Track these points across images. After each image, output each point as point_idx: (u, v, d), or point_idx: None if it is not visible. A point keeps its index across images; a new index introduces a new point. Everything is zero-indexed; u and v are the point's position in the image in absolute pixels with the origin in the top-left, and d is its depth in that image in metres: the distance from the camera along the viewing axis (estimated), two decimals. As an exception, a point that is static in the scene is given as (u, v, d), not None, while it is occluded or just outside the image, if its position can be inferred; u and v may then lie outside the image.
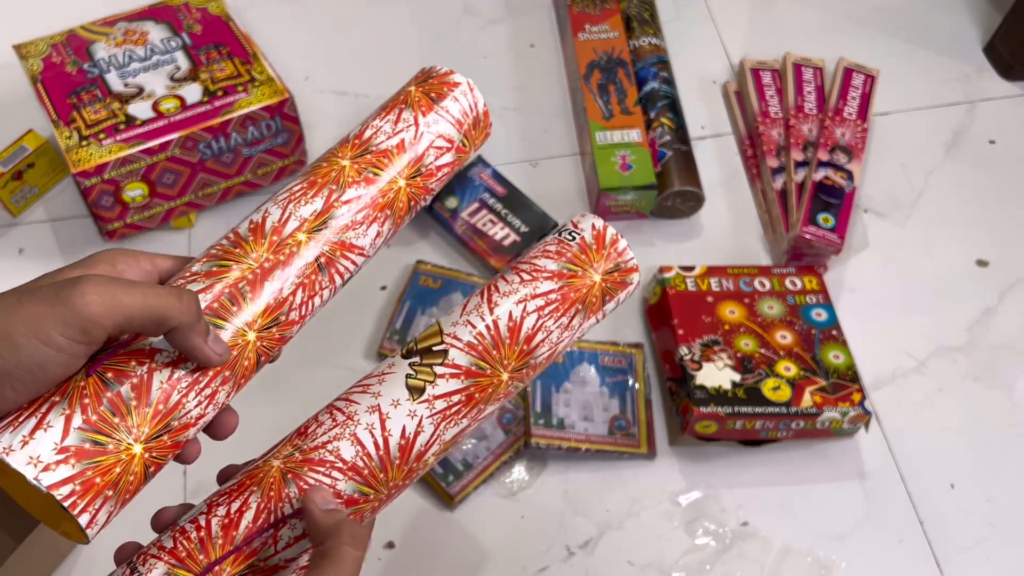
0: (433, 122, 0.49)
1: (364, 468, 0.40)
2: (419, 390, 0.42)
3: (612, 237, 0.47)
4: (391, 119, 0.48)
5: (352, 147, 0.47)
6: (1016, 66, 1.16)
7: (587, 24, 1.12)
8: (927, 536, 0.84)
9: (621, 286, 0.47)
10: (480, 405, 0.43)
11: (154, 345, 0.38)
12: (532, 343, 0.44)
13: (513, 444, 0.86)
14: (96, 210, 0.94)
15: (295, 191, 0.44)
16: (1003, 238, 1.03)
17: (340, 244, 0.44)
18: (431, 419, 0.42)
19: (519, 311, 0.44)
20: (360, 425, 0.41)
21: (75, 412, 0.36)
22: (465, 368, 0.43)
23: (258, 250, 0.42)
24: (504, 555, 0.82)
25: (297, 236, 0.43)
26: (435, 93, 0.50)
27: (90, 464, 0.35)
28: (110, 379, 0.37)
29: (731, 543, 0.83)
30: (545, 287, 0.45)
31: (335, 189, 0.45)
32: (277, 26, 1.17)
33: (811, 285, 0.93)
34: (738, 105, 1.13)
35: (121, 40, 1.00)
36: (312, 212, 0.44)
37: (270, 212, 0.44)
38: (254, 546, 0.38)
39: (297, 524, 0.39)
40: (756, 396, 0.83)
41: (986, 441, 0.89)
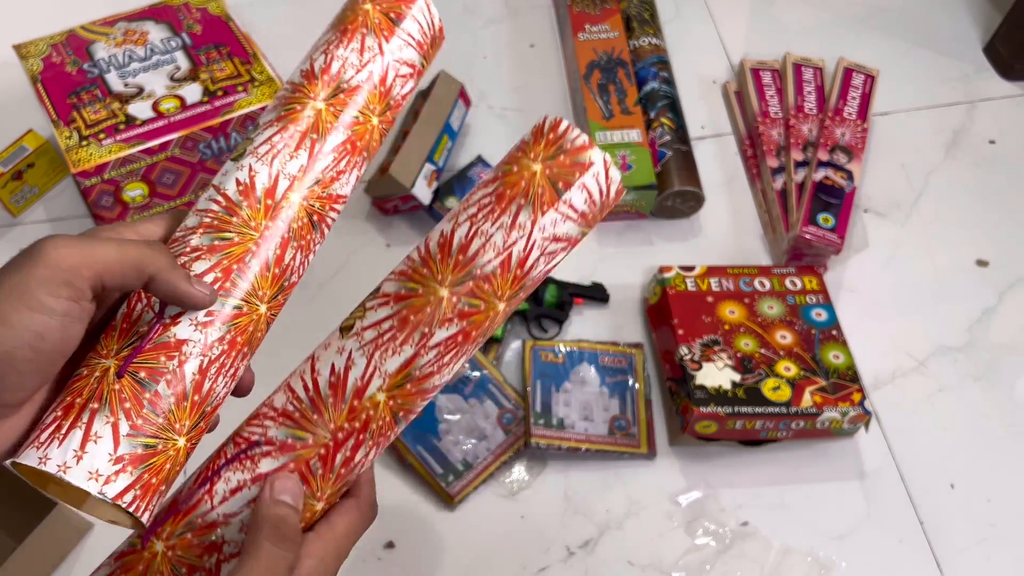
0: (397, 48, 0.45)
1: (295, 412, 0.39)
2: (349, 328, 0.41)
3: (551, 123, 0.42)
4: (355, 47, 0.44)
5: (323, 84, 0.43)
6: (1016, 66, 1.16)
7: (587, 24, 1.12)
8: (927, 536, 0.84)
9: (576, 168, 0.41)
10: (423, 328, 0.40)
11: (179, 337, 0.37)
12: (469, 251, 0.41)
13: (513, 444, 0.86)
14: (96, 210, 0.94)
15: (275, 143, 0.42)
16: (1003, 238, 1.03)
17: (328, 198, 0.42)
18: (361, 351, 0.40)
19: (449, 226, 0.41)
20: (294, 376, 0.41)
21: (119, 419, 0.35)
22: (393, 294, 0.41)
23: (255, 217, 0.40)
24: (504, 555, 0.82)
25: (290, 197, 0.41)
26: (394, 13, 0.45)
27: (145, 468, 0.36)
28: (144, 379, 0.36)
29: (731, 543, 0.83)
30: (477, 196, 0.42)
31: (316, 138, 0.42)
32: (277, 26, 1.17)
33: (811, 285, 0.93)
34: (738, 105, 1.13)
35: (121, 40, 1.00)
36: (299, 168, 0.41)
37: (256, 170, 0.41)
38: (191, 503, 0.38)
39: (232, 478, 0.38)
40: (756, 396, 0.83)
41: (986, 441, 0.89)
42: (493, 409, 0.87)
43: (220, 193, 0.41)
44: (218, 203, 0.40)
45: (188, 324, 0.38)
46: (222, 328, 0.38)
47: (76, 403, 0.35)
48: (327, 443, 0.39)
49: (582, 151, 0.41)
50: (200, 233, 0.39)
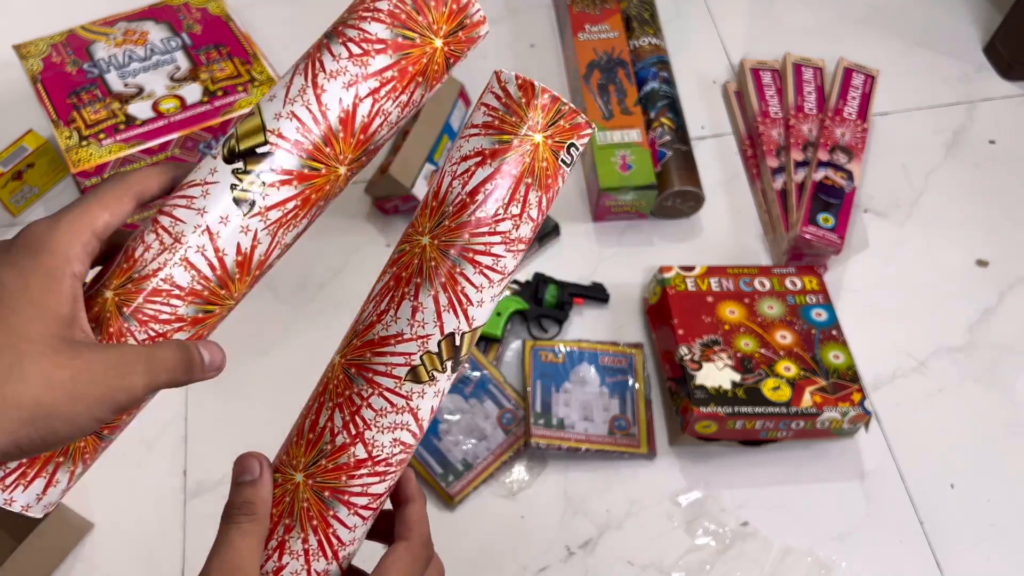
0: None
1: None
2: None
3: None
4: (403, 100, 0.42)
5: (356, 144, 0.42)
6: (1016, 66, 1.16)
7: (587, 24, 1.12)
8: (927, 536, 0.84)
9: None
10: (320, 203, 0.40)
11: None
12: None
13: (513, 444, 0.86)
14: (96, 210, 0.94)
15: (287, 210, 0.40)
16: (1003, 238, 1.03)
17: None
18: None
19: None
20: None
21: (78, 468, 0.39)
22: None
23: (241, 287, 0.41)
24: (504, 555, 0.82)
25: None
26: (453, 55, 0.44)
27: None
28: (106, 435, 0.40)
29: (731, 543, 0.83)
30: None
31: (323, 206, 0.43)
32: (277, 26, 1.17)
33: (811, 285, 0.93)
34: (738, 105, 1.13)
35: (121, 40, 1.00)
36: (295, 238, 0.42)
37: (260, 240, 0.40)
38: None
39: None
40: (756, 396, 0.83)
41: (986, 441, 0.89)
42: (493, 409, 0.87)
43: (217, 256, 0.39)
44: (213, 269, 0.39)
45: None
46: None
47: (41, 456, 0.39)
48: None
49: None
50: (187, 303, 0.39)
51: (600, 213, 1.01)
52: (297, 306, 0.96)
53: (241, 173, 0.38)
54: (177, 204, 0.39)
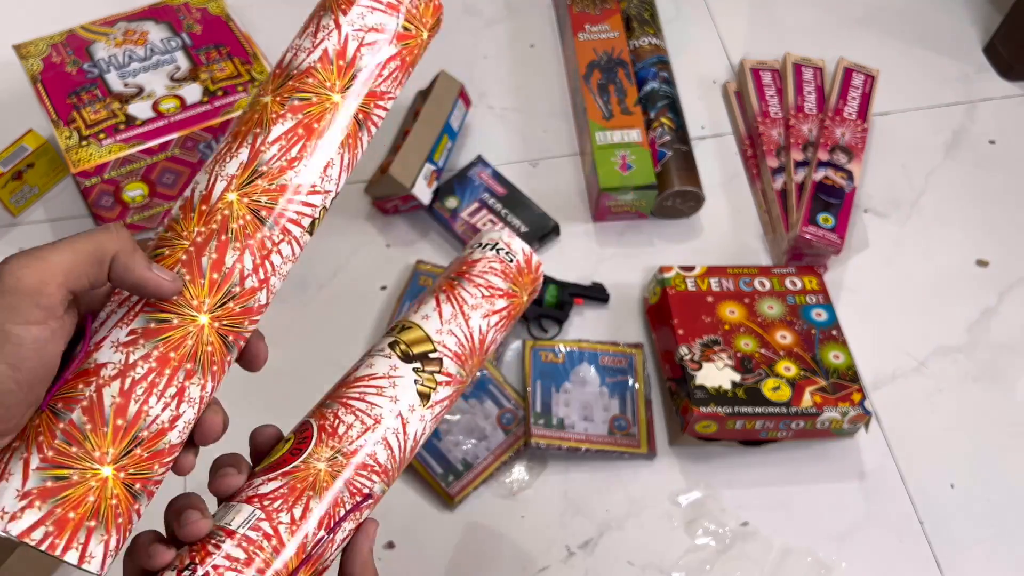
0: (358, 17, 0.42)
1: (391, 470, 0.44)
2: (426, 396, 0.46)
3: (537, 262, 0.52)
4: (310, 32, 0.42)
5: (273, 79, 0.42)
6: (1016, 66, 1.16)
7: (587, 24, 1.12)
8: (927, 536, 0.84)
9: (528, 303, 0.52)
10: (255, 130, 0.41)
11: (98, 362, 0.36)
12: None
13: (513, 444, 0.86)
14: (96, 210, 0.94)
15: (220, 151, 0.41)
16: (1003, 238, 1.03)
17: (279, 189, 0.40)
18: (432, 422, 0.46)
19: (485, 325, 0.49)
20: (389, 429, 0.44)
21: (31, 454, 0.34)
22: (455, 376, 0.47)
23: (188, 226, 0.39)
24: (504, 555, 0.82)
25: (226, 197, 0.39)
26: None
27: (57, 501, 0.34)
28: (60, 409, 0.35)
29: (731, 543, 0.83)
30: (499, 304, 0.49)
31: (259, 132, 0.40)
32: (277, 26, 1.17)
33: (811, 285, 0.93)
34: (738, 105, 1.13)
35: (121, 40, 1.00)
36: (238, 165, 0.40)
37: (197, 182, 0.40)
38: (319, 550, 0.41)
39: (346, 527, 0.42)
40: (756, 396, 0.83)
41: (986, 441, 0.89)
42: (493, 409, 0.87)
43: (167, 216, 0.40)
44: (163, 224, 0.40)
45: (110, 347, 0.36)
46: (147, 345, 0.36)
47: None
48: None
49: None
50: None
51: (600, 213, 1.01)
52: (297, 306, 0.96)
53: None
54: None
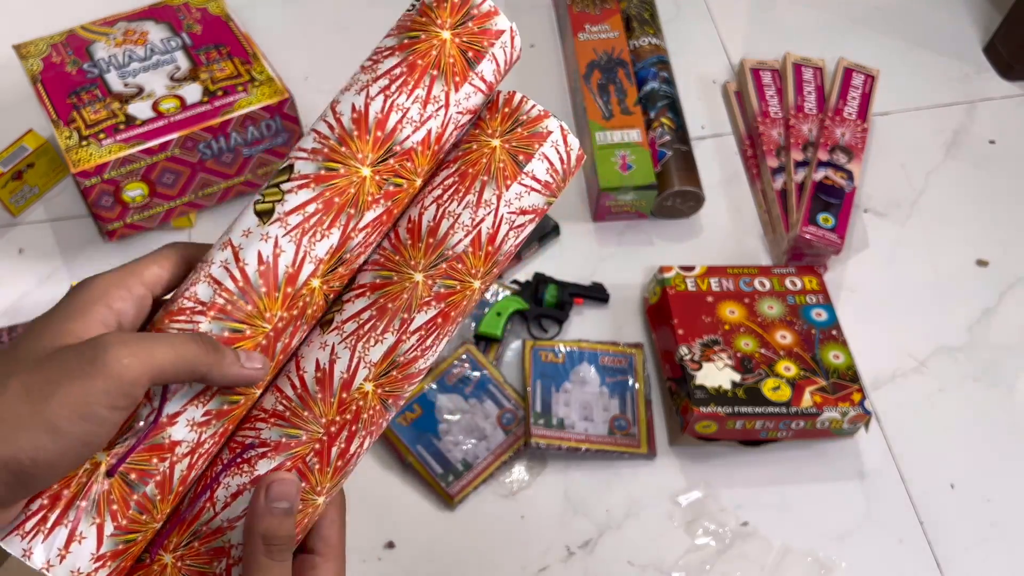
0: (465, 98, 0.41)
1: (285, 411, 0.39)
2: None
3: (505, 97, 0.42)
4: (420, 95, 0.39)
5: (374, 143, 0.39)
6: (1016, 66, 1.16)
7: (587, 24, 1.12)
8: (927, 536, 0.84)
9: (535, 139, 0.41)
10: (401, 314, 0.39)
11: (173, 438, 0.37)
12: (438, 234, 0.40)
13: (513, 444, 0.86)
14: (96, 210, 0.94)
15: (308, 214, 0.38)
16: (1003, 238, 1.03)
17: (349, 272, 0.40)
18: (344, 344, 0.39)
19: (416, 210, 0.40)
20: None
21: (105, 520, 0.35)
22: (369, 283, 0.40)
23: (271, 307, 0.38)
24: (504, 555, 0.82)
25: (311, 284, 0.39)
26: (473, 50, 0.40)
27: (122, 559, 0.37)
28: (134, 481, 0.36)
29: (731, 543, 0.83)
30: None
31: (353, 214, 0.39)
32: (277, 26, 1.17)
33: (811, 285, 0.93)
34: (738, 105, 1.13)
35: (121, 40, 1.00)
36: (328, 249, 0.39)
37: (282, 248, 0.38)
38: (194, 512, 0.38)
39: (231, 483, 0.38)
40: (756, 396, 0.83)
41: (986, 441, 0.89)
42: (493, 409, 0.87)
43: (238, 267, 0.38)
44: (234, 280, 0.38)
45: (184, 425, 0.37)
46: (216, 425, 0.38)
47: (64, 495, 0.35)
48: (320, 438, 0.39)
49: (538, 121, 0.41)
50: (210, 318, 0.37)
51: (600, 213, 1.01)
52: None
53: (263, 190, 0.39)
54: None
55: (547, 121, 0.41)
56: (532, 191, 0.41)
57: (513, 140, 0.41)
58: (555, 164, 0.41)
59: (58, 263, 0.98)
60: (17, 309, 0.95)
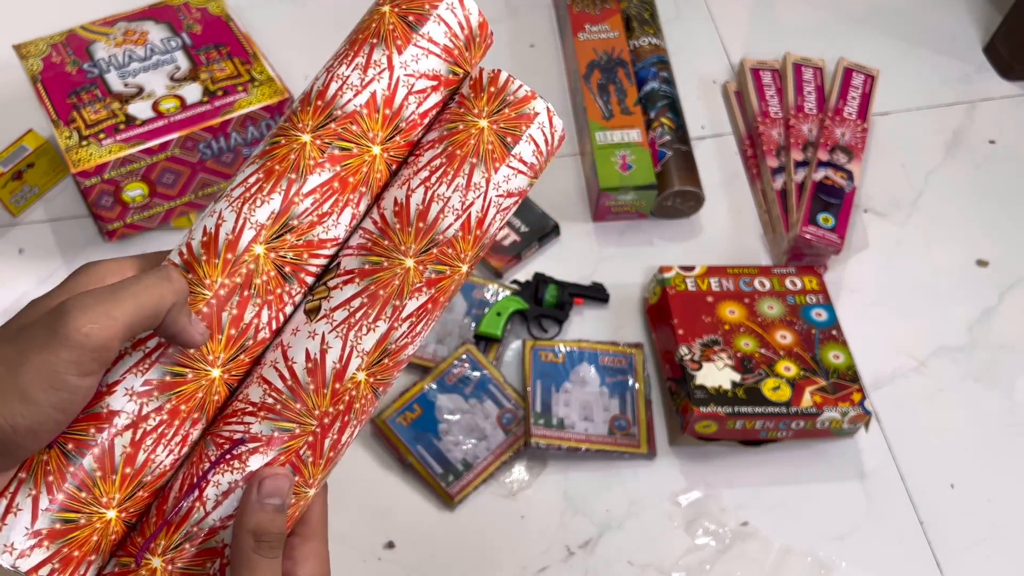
0: (412, 60, 0.40)
1: (275, 404, 0.38)
2: (316, 310, 0.39)
3: (490, 76, 0.42)
4: (360, 63, 0.40)
5: (314, 112, 0.40)
6: (1016, 66, 1.16)
7: (587, 24, 1.12)
8: (927, 536, 0.84)
9: (522, 120, 0.41)
10: (394, 301, 0.39)
11: (111, 408, 0.36)
12: (428, 218, 0.40)
13: (513, 444, 0.86)
14: (96, 210, 0.94)
15: (250, 184, 0.39)
16: (1003, 238, 1.03)
17: (306, 245, 0.39)
18: (335, 332, 0.39)
19: (403, 193, 0.40)
20: (265, 366, 0.39)
21: (40, 492, 0.35)
22: (357, 270, 0.39)
23: (212, 274, 0.38)
24: (504, 555, 0.82)
25: (254, 249, 0.38)
26: (414, 15, 0.40)
27: (65, 542, 0.35)
28: (71, 452, 0.35)
29: (731, 543, 0.83)
30: (427, 156, 0.40)
31: (295, 179, 0.39)
32: (277, 26, 1.17)
33: (811, 285, 0.93)
34: (738, 105, 1.13)
35: (121, 40, 1.00)
36: (269, 215, 0.38)
37: (224, 218, 0.38)
38: (182, 513, 0.37)
39: (221, 481, 0.37)
40: (756, 396, 0.83)
41: (986, 441, 0.89)
42: (493, 409, 0.87)
43: (186, 244, 0.39)
44: (181, 255, 0.38)
45: (123, 395, 0.36)
46: (161, 397, 0.37)
47: None
48: (314, 430, 0.38)
49: (525, 102, 0.41)
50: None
51: (600, 213, 1.01)
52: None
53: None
54: None
55: (534, 102, 0.41)
56: (519, 173, 0.41)
57: (501, 121, 0.41)
58: (540, 146, 0.41)
59: (58, 263, 0.98)
60: (17, 309, 0.95)
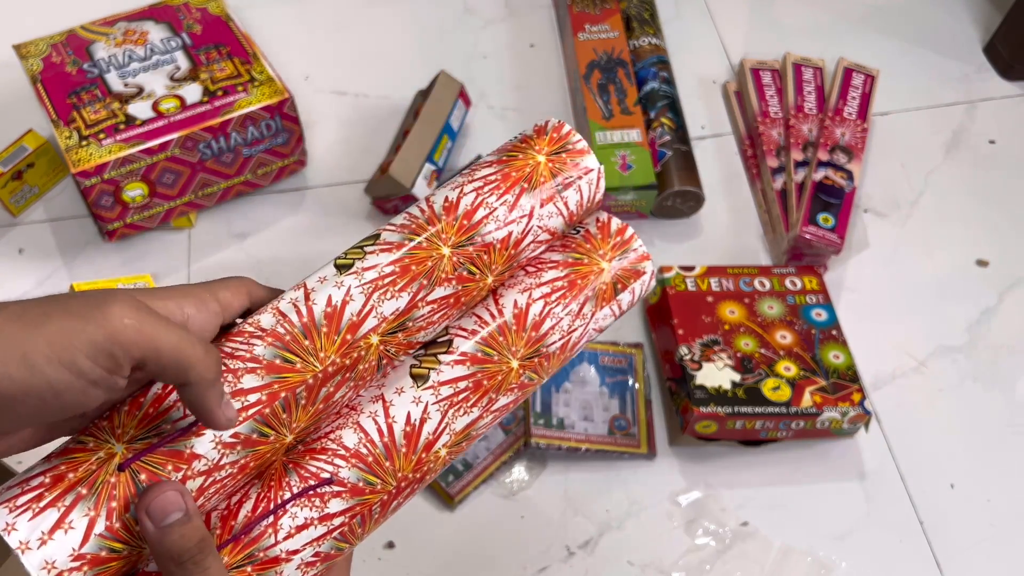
0: (548, 216, 0.43)
1: (368, 455, 0.39)
2: (423, 378, 0.40)
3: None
4: (508, 200, 0.42)
5: (459, 229, 0.41)
6: (1016, 66, 1.16)
7: (587, 24, 1.12)
8: (927, 536, 0.84)
9: (634, 275, 0.46)
10: (491, 394, 0.41)
11: (194, 451, 0.36)
12: (541, 330, 0.42)
13: (513, 444, 0.86)
14: (96, 210, 0.94)
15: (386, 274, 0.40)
16: (1003, 238, 1.03)
17: (407, 344, 0.41)
18: (437, 406, 0.40)
19: (524, 299, 0.42)
20: (363, 413, 0.40)
21: (100, 515, 0.34)
22: (471, 355, 0.41)
23: (328, 348, 0.39)
24: (504, 555, 0.82)
25: (371, 339, 0.40)
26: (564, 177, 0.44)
27: (101, 570, 0.34)
28: (142, 482, 0.35)
29: (731, 543, 0.83)
30: (550, 275, 0.43)
31: (425, 284, 0.40)
32: (277, 26, 1.17)
33: (811, 285, 0.93)
34: (738, 105, 1.13)
35: (121, 40, 1.00)
36: (394, 311, 0.40)
37: (352, 297, 0.39)
38: (253, 535, 0.37)
39: (299, 514, 0.37)
40: (756, 396, 0.83)
41: (986, 441, 0.89)
42: (493, 409, 0.87)
43: (307, 304, 0.39)
44: (299, 315, 0.39)
45: (211, 441, 0.36)
46: (240, 452, 0.37)
47: (68, 478, 0.34)
48: (391, 490, 0.39)
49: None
50: (267, 344, 0.38)
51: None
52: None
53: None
54: None
55: (647, 263, 0.46)
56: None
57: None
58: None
59: (58, 263, 0.98)
60: (17, 309, 0.95)
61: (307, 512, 0.38)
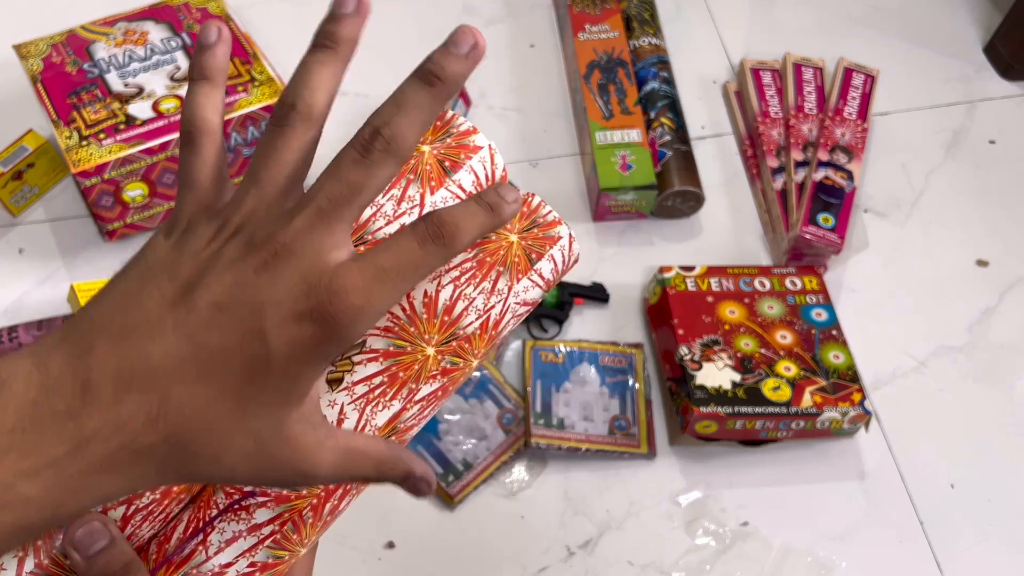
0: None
1: None
2: (338, 381, 0.41)
3: (523, 197, 0.46)
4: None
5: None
6: (1016, 66, 1.16)
7: (587, 24, 1.12)
8: (927, 536, 0.84)
9: (547, 241, 0.45)
10: (410, 384, 0.41)
11: None
12: (453, 313, 0.43)
13: (513, 444, 0.86)
14: (96, 210, 0.94)
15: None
16: (1003, 238, 1.03)
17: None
18: (353, 405, 0.40)
19: (433, 287, 0.43)
20: None
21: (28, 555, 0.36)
22: (383, 350, 0.42)
23: None
24: (504, 555, 0.82)
25: None
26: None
27: None
28: None
29: (731, 543, 0.83)
30: (458, 260, 0.44)
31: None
32: (277, 26, 1.17)
33: (811, 285, 0.93)
34: (738, 105, 1.13)
35: (121, 40, 1.00)
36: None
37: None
38: (184, 554, 0.39)
39: (226, 528, 0.39)
40: (756, 396, 0.83)
41: (986, 441, 0.89)
42: (493, 409, 0.87)
43: None
44: None
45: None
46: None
47: None
48: (319, 493, 0.40)
49: (553, 226, 0.46)
50: None
51: (600, 213, 1.01)
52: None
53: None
54: None
55: (559, 227, 0.46)
56: (536, 286, 0.45)
57: (529, 239, 0.45)
58: (558, 265, 0.46)
59: (58, 263, 0.98)
60: (17, 309, 0.95)
61: (235, 525, 0.39)
